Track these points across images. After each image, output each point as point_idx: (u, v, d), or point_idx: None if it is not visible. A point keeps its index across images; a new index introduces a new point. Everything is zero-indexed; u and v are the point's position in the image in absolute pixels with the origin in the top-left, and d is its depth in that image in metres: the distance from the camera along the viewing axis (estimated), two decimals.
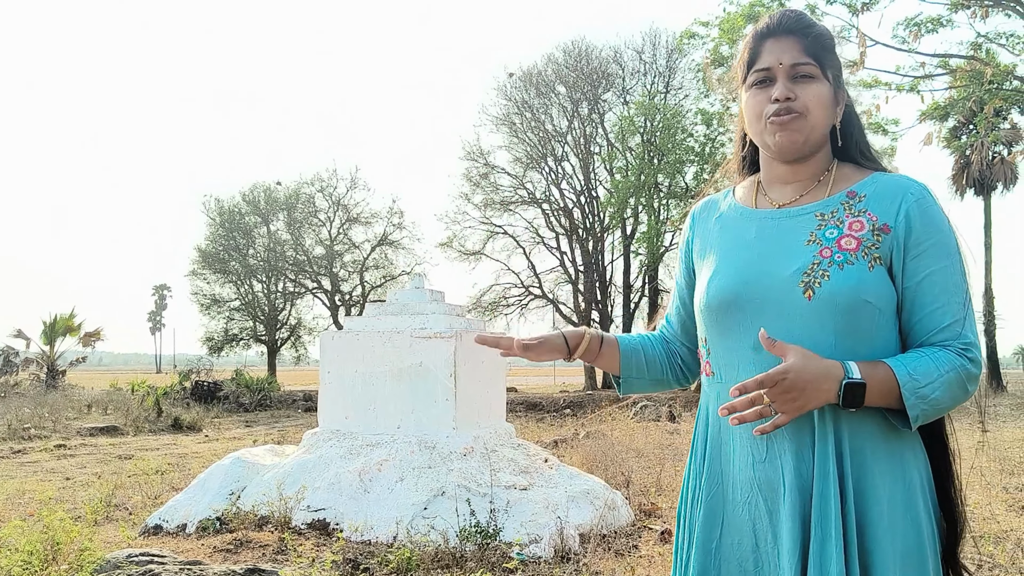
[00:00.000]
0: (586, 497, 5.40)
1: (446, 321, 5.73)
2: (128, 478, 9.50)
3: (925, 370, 1.52)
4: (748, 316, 1.65)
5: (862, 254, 1.58)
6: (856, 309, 1.56)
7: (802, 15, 1.70)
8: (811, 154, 1.71)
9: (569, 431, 13.05)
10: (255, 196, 38.61)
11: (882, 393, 1.52)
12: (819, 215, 1.66)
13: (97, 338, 32.63)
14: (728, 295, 1.69)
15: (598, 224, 32.46)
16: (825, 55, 1.68)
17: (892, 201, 1.61)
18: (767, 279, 1.64)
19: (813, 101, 1.65)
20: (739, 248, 1.74)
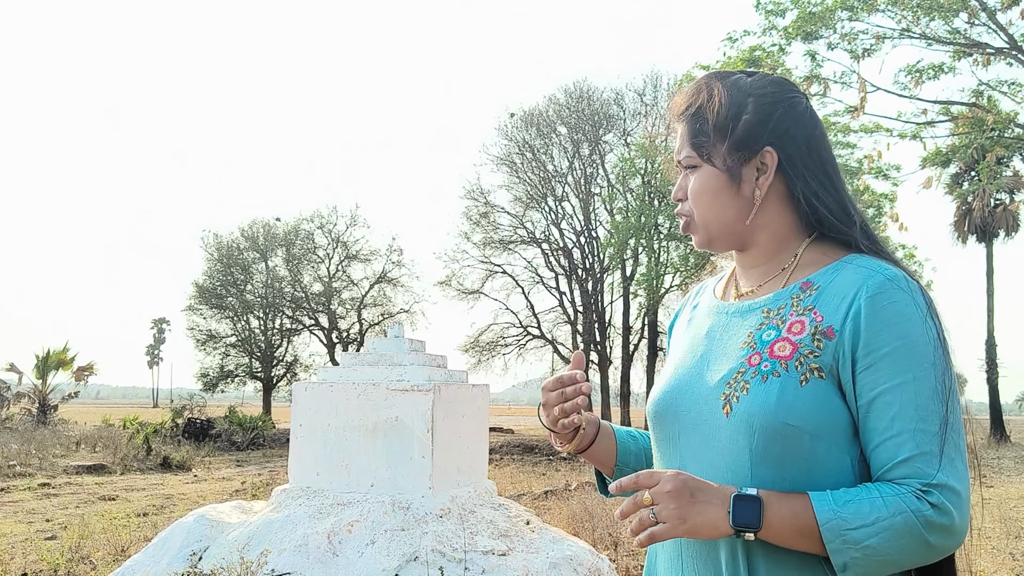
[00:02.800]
0: (569, 564, 5.09)
1: (425, 372, 5.45)
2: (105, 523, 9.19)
3: (859, 509, 1.20)
4: (677, 432, 1.41)
5: (796, 364, 1.28)
6: (775, 433, 1.26)
7: (689, 90, 1.45)
8: (747, 244, 1.45)
9: (561, 481, 12.71)
10: (254, 232, 38.55)
11: (797, 528, 1.22)
12: (766, 312, 1.39)
13: (90, 372, 32.39)
14: (661, 406, 1.45)
15: (598, 265, 32.30)
16: (704, 136, 1.41)
17: (844, 297, 1.29)
18: (696, 389, 1.39)
19: (693, 195, 1.43)
20: (688, 349, 1.49)
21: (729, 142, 1.38)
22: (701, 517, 1.23)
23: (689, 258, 26.41)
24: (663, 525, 1.23)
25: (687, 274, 26.86)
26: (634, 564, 6.38)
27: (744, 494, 1.23)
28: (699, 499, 1.23)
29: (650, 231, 27.00)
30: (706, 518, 1.23)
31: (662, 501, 1.23)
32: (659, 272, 27.38)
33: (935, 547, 1.21)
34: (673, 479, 1.24)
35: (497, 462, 19.24)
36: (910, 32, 16.20)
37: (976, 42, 15.84)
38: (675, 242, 27.72)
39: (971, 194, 30.06)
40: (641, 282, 27.67)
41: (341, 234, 38.02)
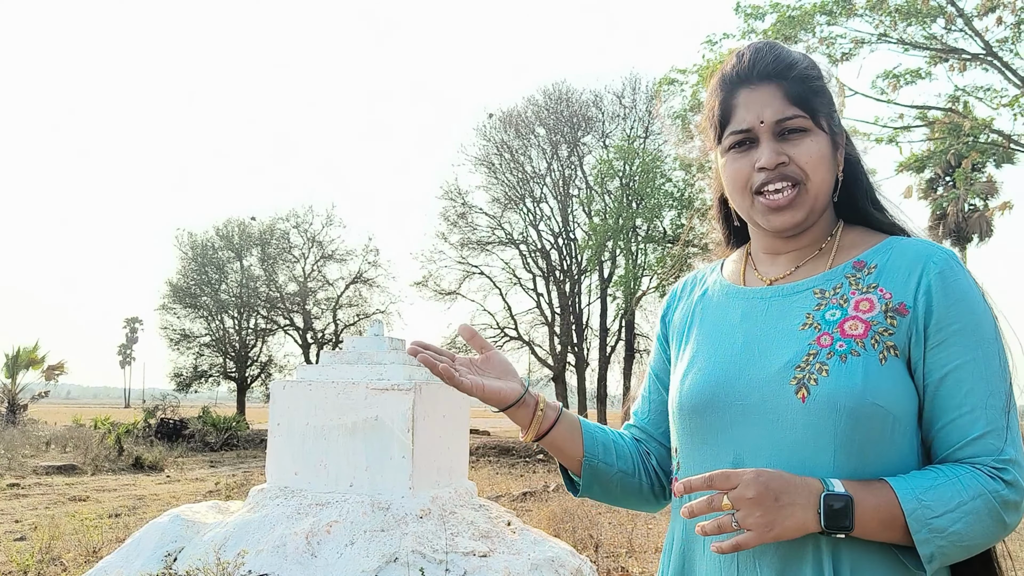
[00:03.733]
0: (551, 565, 5.02)
1: (405, 372, 5.37)
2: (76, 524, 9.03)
3: (942, 495, 1.16)
4: (728, 423, 1.31)
5: (872, 342, 1.23)
6: (864, 416, 1.20)
7: (778, 51, 1.35)
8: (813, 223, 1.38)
9: (540, 482, 12.66)
10: (229, 231, 38.19)
11: (881, 520, 1.17)
12: (818, 292, 1.32)
13: (61, 371, 31.97)
14: (704, 396, 1.35)
15: (575, 266, 32.33)
16: (815, 98, 1.33)
17: (910, 273, 1.26)
18: (751, 375, 1.30)
19: (811, 161, 1.31)
20: (721, 336, 1.40)
21: (830, 118, 1.35)
22: (789, 521, 1.15)
23: (666, 260, 26.49)
24: (749, 534, 1.15)
25: (664, 276, 26.94)
26: (615, 566, 6.34)
27: (834, 492, 1.16)
28: (784, 502, 1.15)
29: (628, 233, 27.06)
30: (794, 522, 1.15)
31: (745, 507, 1.15)
32: (636, 274, 27.44)
33: (1008, 526, 1.18)
34: (755, 483, 1.15)
35: (473, 464, 19.17)
36: (888, 37, 16.34)
37: (953, 48, 16.00)
38: (652, 244, 27.80)
39: (946, 199, 30.39)
40: (619, 284, 27.73)
41: (317, 234, 37.81)
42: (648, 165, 27.33)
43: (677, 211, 26.57)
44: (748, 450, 1.28)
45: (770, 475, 1.17)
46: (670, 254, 26.59)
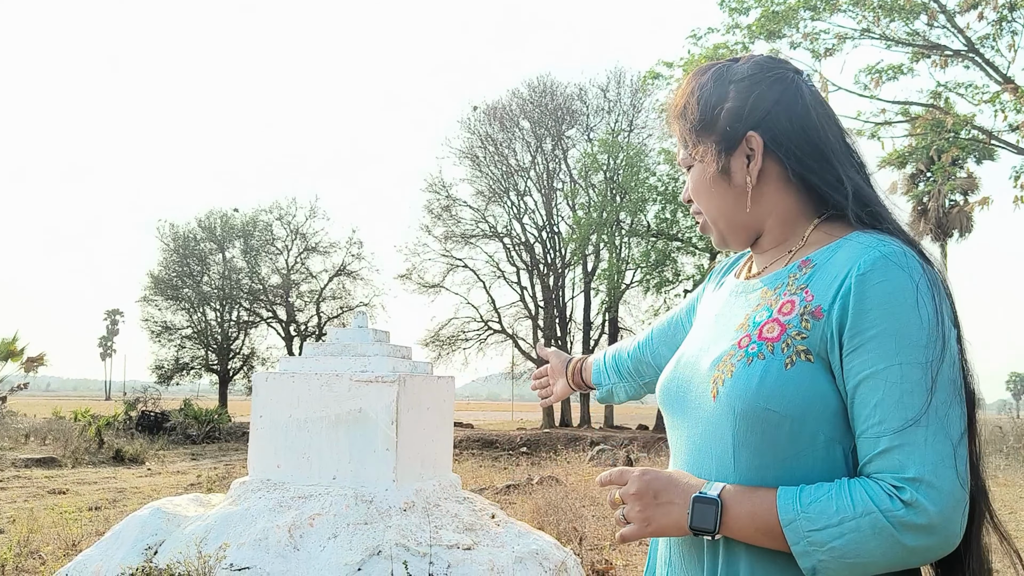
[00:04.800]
0: (535, 558, 5.01)
1: (389, 364, 5.33)
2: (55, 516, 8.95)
3: (826, 508, 1.13)
4: (677, 415, 1.39)
5: (782, 346, 1.22)
6: (756, 419, 1.20)
7: (677, 93, 1.42)
8: (759, 234, 1.40)
9: (523, 475, 12.65)
10: (211, 222, 37.96)
11: (758, 528, 1.17)
12: (764, 292, 1.34)
13: (40, 363, 31.63)
14: (663, 390, 1.44)
15: (559, 260, 32.33)
16: (692, 135, 1.38)
17: (837, 275, 1.22)
18: (693, 372, 1.36)
19: (693, 192, 1.41)
20: (698, 329, 1.48)
21: (714, 135, 1.35)
22: (665, 519, 1.23)
23: (650, 254, 26.52)
24: (630, 526, 1.26)
25: (648, 270, 26.98)
26: (599, 559, 6.34)
27: (703, 496, 1.21)
28: (662, 500, 1.23)
29: (612, 227, 27.08)
30: (670, 519, 1.23)
31: (629, 502, 1.26)
32: (620, 268, 27.47)
33: (913, 548, 1.12)
34: (638, 479, 1.25)
35: (457, 456, 19.15)
36: (871, 33, 16.39)
37: (935, 44, 16.07)
38: (636, 238, 27.83)
39: (927, 195, 30.56)
40: (602, 278, 27.76)
41: (300, 226, 37.66)
42: (632, 159, 27.35)
43: (661, 205, 26.60)
44: (685, 444, 1.34)
45: (655, 474, 1.26)
46: (654, 248, 26.63)
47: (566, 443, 21.21)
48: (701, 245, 26.44)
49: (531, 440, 22.08)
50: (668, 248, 26.54)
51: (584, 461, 15.81)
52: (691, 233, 26.74)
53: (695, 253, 26.99)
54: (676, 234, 26.63)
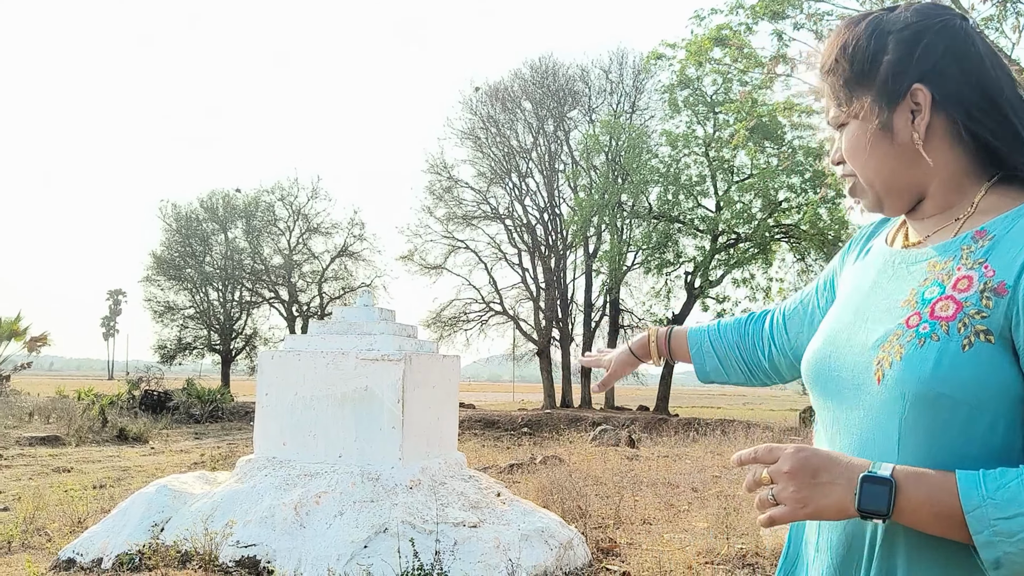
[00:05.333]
0: (540, 536, 5.04)
1: (395, 342, 5.34)
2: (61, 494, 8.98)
3: (1017, 494, 1.01)
4: (831, 395, 1.26)
5: (959, 326, 1.12)
6: (927, 404, 1.11)
7: (827, 46, 1.30)
8: (920, 198, 1.28)
9: (526, 455, 12.68)
10: (213, 203, 37.85)
11: (936, 514, 1.06)
12: (931, 264, 1.22)
13: (43, 343, 31.67)
14: (814, 367, 1.31)
15: (561, 242, 32.26)
16: (847, 90, 1.26)
17: (1021, 247, 1.12)
18: (849, 349, 1.24)
19: (848, 153, 1.28)
20: (846, 302, 1.34)
21: (874, 89, 1.23)
22: (825, 500, 1.11)
23: (652, 236, 26.48)
24: (782, 508, 1.12)
25: (649, 252, 26.94)
26: (603, 537, 6.37)
27: (874, 475, 1.09)
28: (822, 479, 1.11)
29: (613, 208, 27.00)
30: (830, 500, 1.11)
31: (781, 481, 1.12)
32: (622, 250, 27.41)
33: None
34: (792, 457, 1.12)
35: (459, 436, 19.15)
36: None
37: None
38: (638, 220, 27.76)
39: None
40: (604, 259, 27.70)
41: (302, 206, 37.53)
42: (634, 140, 27.25)
43: (663, 187, 26.52)
44: (843, 425, 1.23)
45: (812, 451, 1.13)
46: (655, 230, 26.57)
47: (568, 423, 21.27)
48: (703, 227, 26.39)
49: (533, 420, 22.15)
50: (669, 230, 26.48)
51: (586, 441, 15.86)
52: (692, 215, 26.68)
53: (696, 235, 26.92)
54: (678, 216, 26.54)
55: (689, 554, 5.94)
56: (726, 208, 25.35)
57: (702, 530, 6.85)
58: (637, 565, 5.56)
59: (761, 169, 24.61)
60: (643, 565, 5.56)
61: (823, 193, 21.95)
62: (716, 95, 25.77)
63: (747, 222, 25.27)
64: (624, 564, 5.65)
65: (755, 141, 24.67)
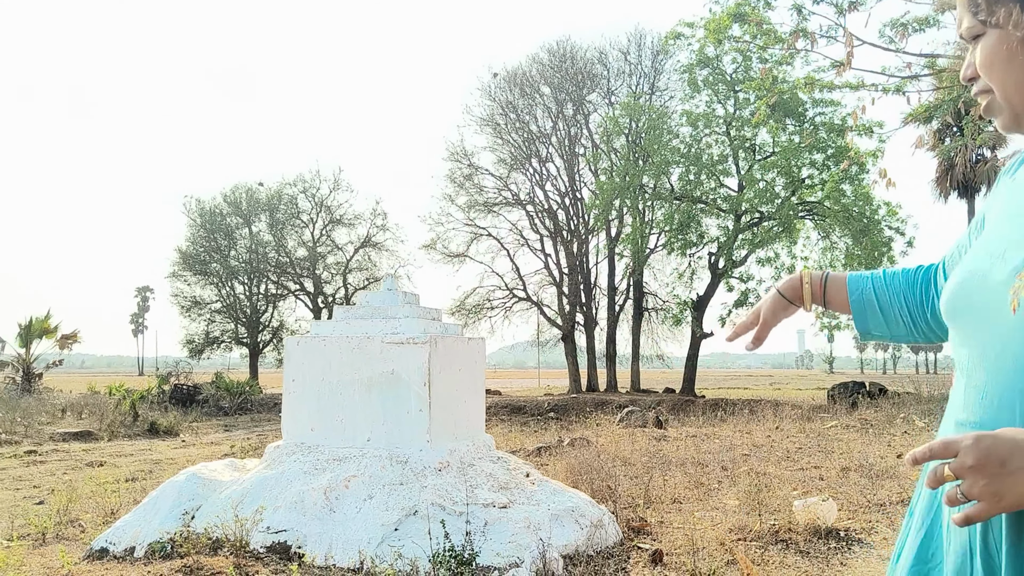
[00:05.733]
0: (571, 515, 5.01)
1: (420, 325, 5.32)
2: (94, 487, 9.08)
3: None
4: (968, 330, 1.20)
5: None
6: None
7: None
8: None
9: (553, 437, 12.67)
10: (237, 197, 38.05)
11: None
12: None
13: (74, 340, 32.02)
14: (950, 300, 1.24)
15: (582, 226, 32.13)
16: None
17: None
18: (984, 281, 1.17)
19: (983, 66, 1.20)
20: (988, 232, 1.26)
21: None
22: (1021, 488, 1.00)
23: (674, 217, 26.30)
24: (979, 505, 1.02)
25: (672, 233, 26.77)
26: (633, 516, 6.33)
27: None
28: (1012, 467, 0.99)
29: (635, 191, 26.83)
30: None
31: (968, 477, 1.02)
32: (644, 232, 27.25)
33: None
34: (974, 449, 1.01)
35: (486, 423, 19.21)
36: None
37: None
38: (660, 202, 27.58)
39: (953, 150, 30.01)
40: (626, 242, 27.56)
41: (325, 198, 37.65)
42: (654, 121, 27.04)
43: (684, 167, 26.32)
44: (979, 363, 1.15)
45: (993, 439, 1.02)
46: (678, 211, 26.38)
47: (594, 407, 21.24)
48: (725, 207, 26.18)
49: (559, 405, 22.13)
50: (692, 210, 26.28)
51: (613, 423, 15.83)
52: (714, 195, 26.47)
53: (719, 215, 26.71)
54: (700, 196, 26.34)
55: (721, 531, 5.90)
56: (749, 187, 25.11)
57: (733, 507, 6.81)
58: (669, 543, 5.53)
59: (783, 146, 24.36)
60: (675, 542, 5.52)
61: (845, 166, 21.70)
62: (736, 73, 25.52)
63: (770, 200, 25.03)
64: (655, 542, 5.62)
65: (776, 118, 24.42)
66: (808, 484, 7.81)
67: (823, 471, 8.61)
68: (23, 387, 28.10)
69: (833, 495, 7.04)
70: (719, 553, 5.18)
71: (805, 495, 7.01)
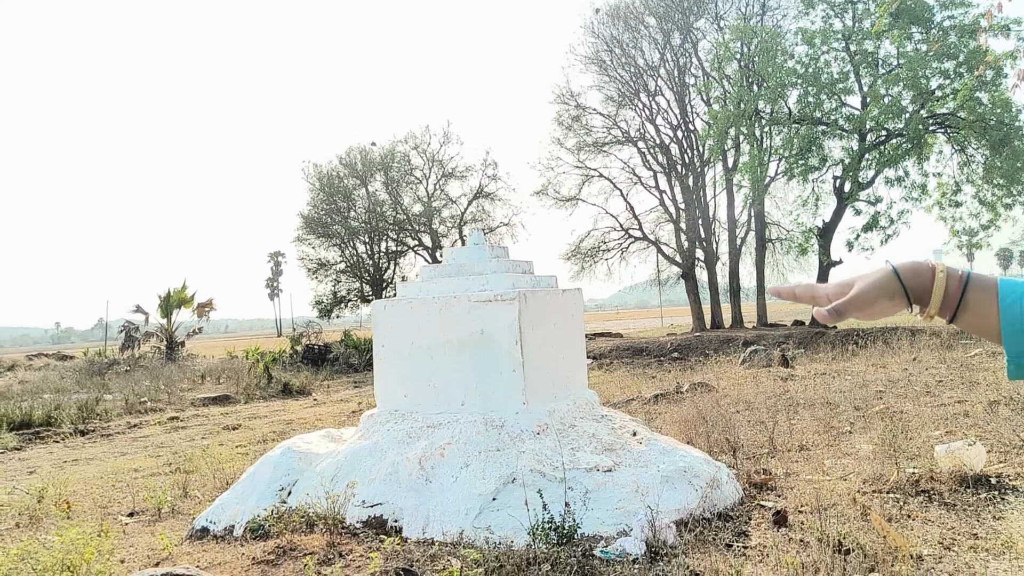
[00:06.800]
0: (683, 476, 4.62)
1: (508, 280, 4.99)
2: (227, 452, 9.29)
3: None
4: None
5: None
6: None
7: None
8: None
9: (672, 383, 12.22)
10: (352, 159, 38.69)
11: None
12: None
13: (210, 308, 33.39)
14: None
15: (697, 159, 31.03)
16: None
17: None
18: None
19: None
20: None
21: None
22: None
23: (794, 142, 24.98)
24: None
25: (792, 159, 25.46)
26: (756, 469, 5.88)
27: None
28: None
29: (750, 118, 25.61)
30: None
31: None
32: (762, 160, 26.04)
33: None
34: None
35: (607, 367, 18.90)
36: None
37: None
38: (778, 127, 26.26)
39: None
40: (744, 172, 26.43)
41: (436, 153, 37.82)
42: (767, 43, 25.61)
43: (802, 89, 24.89)
44: None
45: None
46: (797, 135, 25.03)
47: (718, 345, 20.57)
48: (848, 127, 24.66)
49: (682, 345, 21.56)
50: (812, 133, 24.87)
51: (736, 364, 15.20)
52: (836, 115, 24.96)
53: (842, 136, 25.21)
54: (820, 118, 24.89)
55: (853, 483, 5.39)
56: (873, 104, 23.53)
57: (867, 454, 6.26)
58: (794, 500, 5.07)
59: (909, 57, 22.64)
60: (801, 499, 5.06)
61: (979, 72, 19.98)
62: None
63: (897, 116, 23.42)
64: (780, 499, 5.17)
65: (900, 27, 22.70)
66: (951, 423, 7.12)
67: (968, 407, 7.86)
68: (167, 355, 29.56)
69: (980, 436, 6.37)
70: (851, 510, 4.70)
71: (948, 437, 6.38)
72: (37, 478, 9.10)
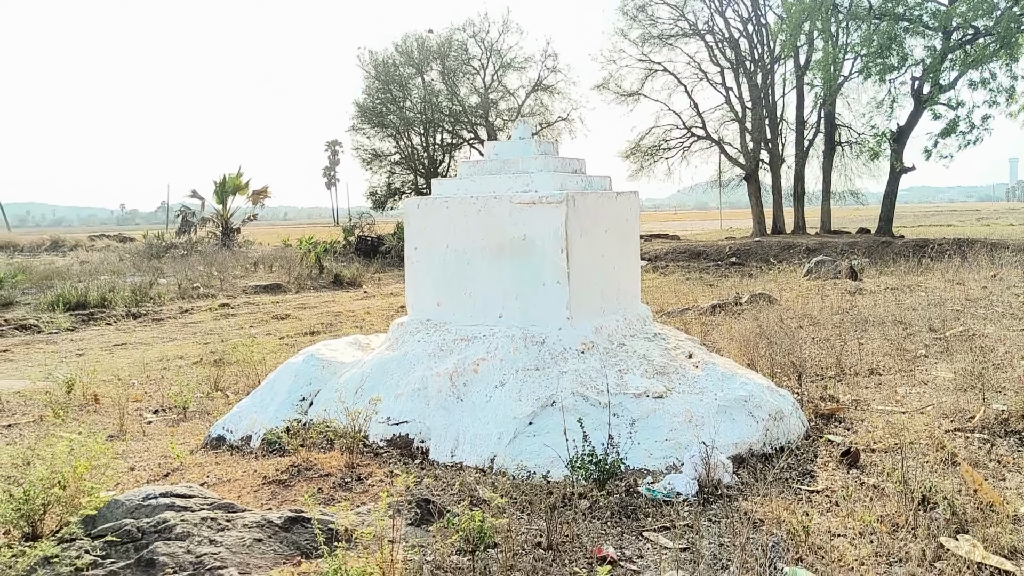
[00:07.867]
0: (743, 407, 4.13)
1: (556, 180, 4.44)
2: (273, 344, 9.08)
3: None
4: None
5: None
6: None
7: None
8: None
9: (731, 292, 11.62)
10: (408, 46, 37.68)
11: None
12: None
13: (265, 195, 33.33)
14: None
15: (767, 55, 29.45)
16: None
17: None
18: None
19: None
20: None
21: None
22: None
23: (872, 39, 23.41)
24: None
25: (870, 57, 23.93)
26: (822, 395, 5.37)
27: None
28: None
29: (827, 11, 24.02)
30: None
31: None
32: (837, 57, 24.54)
33: None
34: None
35: (663, 270, 18.32)
36: None
37: None
38: (856, 22, 24.63)
39: None
40: (817, 69, 24.96)
41: (494, 42, 36.60)
42: None
43: None
44: None
45: None
46: (876, 31, 23.43)
47: (778, 252, 19.79)
48: (933, 23, 22.98)
49: (741, 250, 20.81)
50: (893, 30, 23.24)
51: (799, 274, 14.49)
52: (920, 11, 23.25)
53: (925, 33, 23.53)
54: (903, 13, 23.22)
55: (931, 417, 4.85)
56: None
57: (946, 382, 5.69)
58: (866, 435, 4.56)
59: None
60: (873, 435, 4.55)
61: None
62: None
63: (988, 12, 21.70)
64: (849, 431, 4.67)
65: None
66: None
67: None
68: (223, 242, 29.70)
69: None
70: (932, 452, 4.17)
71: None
72: (84, 361, 9.02)
